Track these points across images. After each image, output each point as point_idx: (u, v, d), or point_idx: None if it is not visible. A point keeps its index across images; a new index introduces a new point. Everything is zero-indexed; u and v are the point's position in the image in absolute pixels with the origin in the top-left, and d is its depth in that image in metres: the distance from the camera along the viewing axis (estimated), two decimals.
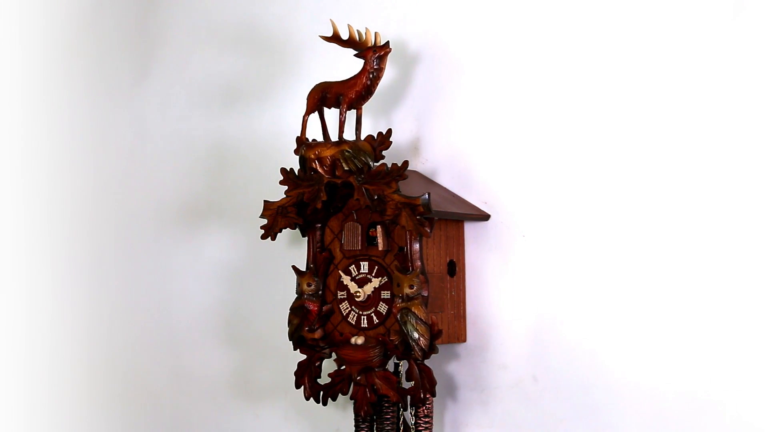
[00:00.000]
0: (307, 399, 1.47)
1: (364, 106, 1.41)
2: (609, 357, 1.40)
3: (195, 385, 1.85)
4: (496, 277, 1.49)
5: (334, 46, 1.42)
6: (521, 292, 1.47)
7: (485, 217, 1.50)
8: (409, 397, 1.39)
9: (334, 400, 1.45)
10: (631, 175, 1.39)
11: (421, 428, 1.43)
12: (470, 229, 1.52)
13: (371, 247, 1.44)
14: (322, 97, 1.39)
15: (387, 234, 1.41)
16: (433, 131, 1.56)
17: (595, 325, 1.41)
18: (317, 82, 1.43)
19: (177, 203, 1.90)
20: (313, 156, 1.38)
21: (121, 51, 2.02)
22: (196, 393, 1.85)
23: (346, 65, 1.56)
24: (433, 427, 1.45)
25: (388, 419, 1.46)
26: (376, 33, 1.37)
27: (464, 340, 1.50)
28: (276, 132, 1.75)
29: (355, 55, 1.37)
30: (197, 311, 1.85)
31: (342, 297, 1.46)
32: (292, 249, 1.70)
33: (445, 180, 1.54)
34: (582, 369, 1.42)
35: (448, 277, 1.48)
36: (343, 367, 1.43)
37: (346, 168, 1.36)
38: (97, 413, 2.01)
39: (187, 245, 1.87)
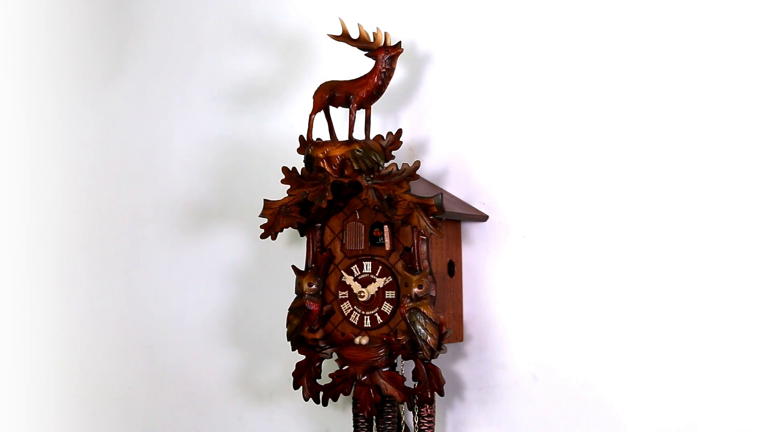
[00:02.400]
0: (306, 400, 1.45)
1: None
2: (607, 355, 1.43)
3: (182, 387, 1.82)
4: (493, 277, 1.51)
5: (322, 42, 1.42)
6: (519, 291, 1.49)
7: (483, 217, 1.51)
8: (415, 396, 1.39)
9: (335, 400, 1.44)
10: (629, 177, 1.43)
11: (424, 427, 1.44)
12: (467, 229, 1.53)
13: (375, 247, 1.44)
14: (331, 96, 1.38)
15: (392, 234, 1.42)
16: (430, 132, 1.56)
17: (594, 324, 1.44)
18: (323, 81, 1.42)
19: (152, 203, 1.86)
20: (321, 155, 1.37)
21: (92, 44, 1.96)
22: (192, 394, 1.82)
23: (331, 63, 1.58)
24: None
25: (389, 419, 1.46)
26: (386, 33, 1.37)
27: (461, 340, 1.52)
28: (260, 131, 1.73)
29: (366, 55, 1.37)
30: (196, 313, 1.81)
31: (343, 297, 1.45)
32: (290, 249, 1.68)
33: (441, 180, 1.55)
34: (581, 368, 1.45)
35: (448, 277, 1.49)
36: (346, 367, 1.42)
37: (356, 168, 1.35)
38: (97, 413, 1.94)
39: (164, 246, 1.84)
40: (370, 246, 1.44)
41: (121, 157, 1.90)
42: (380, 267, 1.43)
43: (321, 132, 1.45)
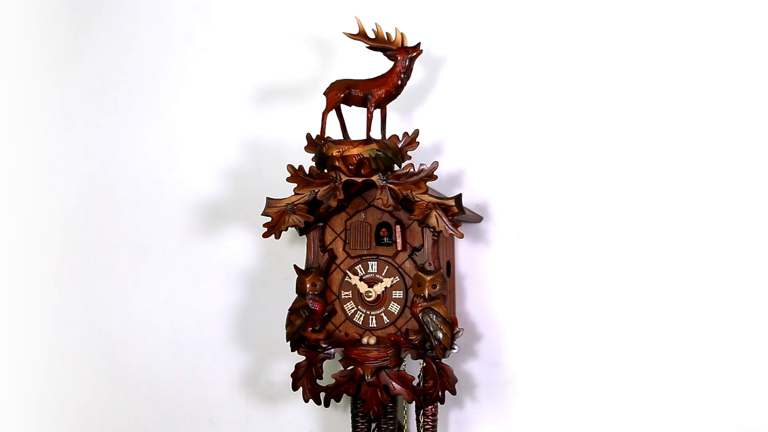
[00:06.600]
0: (306, 401, 1.44)
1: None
2: (602, 355, 1.49)
3: (195, 388, 1.75)
4: (488, 278, 1.54)
5: (309, 37, 1.43)
6: (514, 292, 1.53)
7: (478, 219, 1.54)
8: (424, 396, 1.40)
9: (337, 401, 1.43)
10: (624, 179, 1.48)
11: (428, 427, 1.45)
12: (462, 230, 1.55)
13: (379, 247, 1.44)
14: (347, 94, 1.37)
15: (403, 234, 1.42)
16: (426, 134, 1.57)
17: (588, 324, 1.49)
18: (336, 79, 1.40)
19: (115, 200, 1.78)
20: (337, 154, 1.36)
21: (46, 29, 1.84)
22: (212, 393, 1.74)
23: (317, 61, 1.58)
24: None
25: (391, 420, 1.47)
26: (402, 34, 1.38)
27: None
28: (244, 129, 1.70)
29: (386, 55, 1.37)
30: (200, 314, 1.74)
31: (347, 297, 1.45)
32: (291, 249, 1.65)
33: (437, 181, 1.55)
34: (577, 367, 1.50)
35: (447, 277, 1.50)
36: (351, 367, 1.42)
37: (374, 167, 1.35)
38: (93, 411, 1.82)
39: (135, 245, 1.76)
40: (375, 246, 1.44)
41: (78, 154, 1.80)
42: (387, 267, 1.43)
43: (303, 131, 1.45)
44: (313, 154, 1.39)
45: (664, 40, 1.48)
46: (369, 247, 1.44)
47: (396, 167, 1.36)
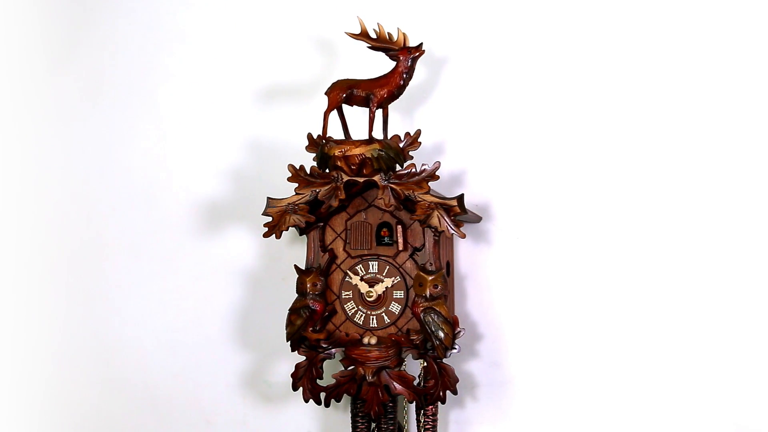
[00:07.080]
0: (306, 401, 1.44)
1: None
2: (602, 355, 1.49)
3: (193, 388, 1.74)
4: (487, 278, 1.54)
5: (291, 38, 1.46)
6: (513, 292, 1.53)
7: (477, 219, 1.54)
8: (425, 395, 1.40)
9: (338, 401, 1.43)
10: (625, 180, 1.49)
11: (428, 426, 1.45)
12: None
13: (380, 247, 1.44)
14: (349, 94, 1.37)
15: (405, 234, 1.42)
16: (427, 133, 1.57)
17: (587, 324, 1.50)
18: (338, 79, 1.40)
19: (114, 200, 1.76)
20: (339, 153, 1.36)
21: (42, 28, 1.83)
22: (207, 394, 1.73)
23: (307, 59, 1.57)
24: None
25: (391, 419, 1.47)
26: (405, 34, 1.38)
27: None
28: (238, 129, 1.69)
29: (388, 55, 1.37)
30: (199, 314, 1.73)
31: (347, 297, 1.45)
32: (291, 249, 1.65)
33: (436, 182, 1.56)
34: (576, 367, 1.50)
35: (447, 277, 1.50)
36: (351, 367, 1.42)
37: (376, 167, 1.35)
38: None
39: (134, 245, 1.75)
40: (376, 246, 1.44)
41: (75, 155, 1.79)
42: (387, 267, 1.43)
43: (302, 131, 1.46)
44: (314, 154, 1.39)
45: (665, 42, 1.48)
46: (370, 247, 1.44)
47: (398, 167, 1.36)
